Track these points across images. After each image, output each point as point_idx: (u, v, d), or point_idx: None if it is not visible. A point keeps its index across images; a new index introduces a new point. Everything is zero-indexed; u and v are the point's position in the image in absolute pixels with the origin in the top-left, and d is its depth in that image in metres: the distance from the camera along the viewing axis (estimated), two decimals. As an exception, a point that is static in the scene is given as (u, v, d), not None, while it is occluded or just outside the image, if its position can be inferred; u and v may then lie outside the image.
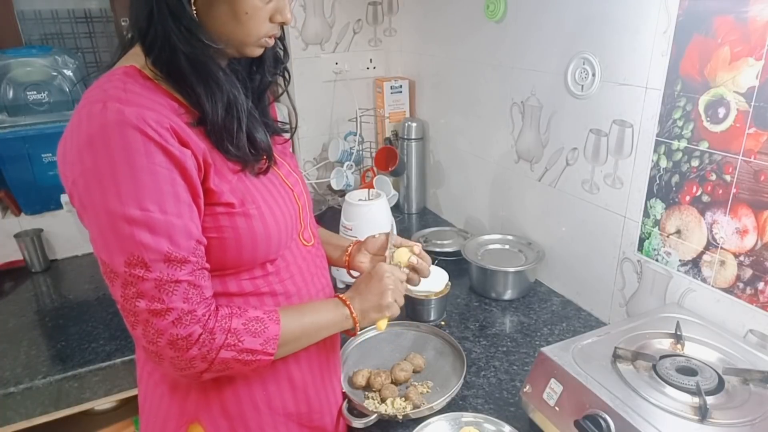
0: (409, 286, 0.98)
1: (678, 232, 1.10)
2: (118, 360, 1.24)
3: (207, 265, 0.74)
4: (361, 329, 0.90)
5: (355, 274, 1.06)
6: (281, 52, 0.89)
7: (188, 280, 0.69)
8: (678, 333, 0.97)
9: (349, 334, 0.90)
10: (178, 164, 0.68)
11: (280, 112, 1.02)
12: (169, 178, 0.67)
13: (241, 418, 0.84)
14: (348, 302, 0.88)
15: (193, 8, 0.71)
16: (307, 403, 0.90)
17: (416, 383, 1.07)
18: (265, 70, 0.87)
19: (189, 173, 0.69)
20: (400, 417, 0.97)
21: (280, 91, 0.95)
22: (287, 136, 0.95)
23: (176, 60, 0.71)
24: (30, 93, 1.59)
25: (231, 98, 0.75)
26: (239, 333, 0.74)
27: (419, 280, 0.99)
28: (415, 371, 1.10)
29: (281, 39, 0.85)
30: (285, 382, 0.87)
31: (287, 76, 0.92)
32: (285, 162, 0.91)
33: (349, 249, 1.05)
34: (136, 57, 0.74)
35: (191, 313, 0.70)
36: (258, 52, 0.79)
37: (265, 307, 0.80)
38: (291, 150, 0.98)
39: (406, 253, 0.98)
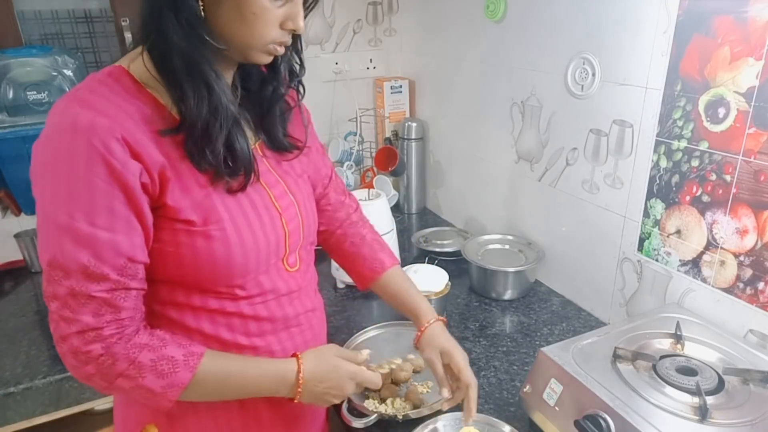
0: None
1: (678, 232, 1.10)
2: (118, 360, 1.24)
3: (137, 285, 0.70)
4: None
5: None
6: (297, 66, 0.85)
7: (103, 298, 0.67)
8: (678, 333, 0.97)
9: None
10: (119, 179, 0.65)
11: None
12: (105, 192, 0.65)
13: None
14: (301, 382, 0.79)
15: (200, 3, 0.69)
16: None
17: (416, 383, 1.07)
18: (280, 82, 0.84)
19: (131, 189, 0.66)
20: (400, 417, 0.97)
21: (292, 104, 0.89)
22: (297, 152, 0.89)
23: (169, 54, 0.69)
24: (30, 93, 1.58)
25: (217, 101, 0.72)
26: (143, 368, 0.69)
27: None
28: (415, 371, 1.10)
29: (297, 52, 0.82)
30: (252, 423, 0.85)
31: (302, 90, 0.89)
32: (283, 181, 0.85)
33: (424, 328, 0.98)
34: (129, 57, 0.72)
35: (96, 330, 0.67)
36: (264, 59, 0.75)
37: (193, 347, 0.73)
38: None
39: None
